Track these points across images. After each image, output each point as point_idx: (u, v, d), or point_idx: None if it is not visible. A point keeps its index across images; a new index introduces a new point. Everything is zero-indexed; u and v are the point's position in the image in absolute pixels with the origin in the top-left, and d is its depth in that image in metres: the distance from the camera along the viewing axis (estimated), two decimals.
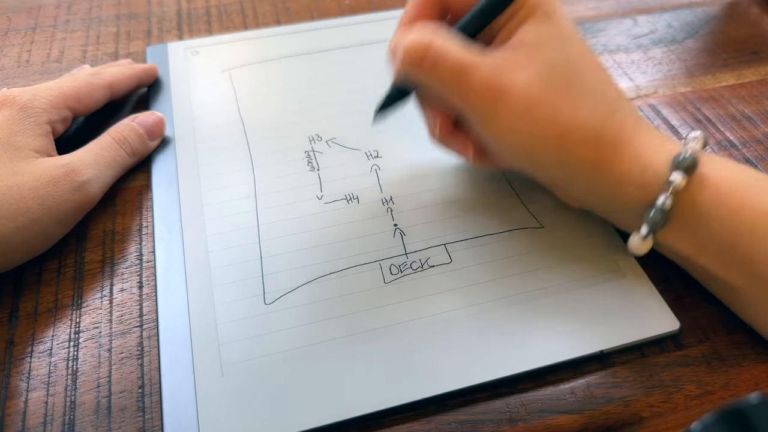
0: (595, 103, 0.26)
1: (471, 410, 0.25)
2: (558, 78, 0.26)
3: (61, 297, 0.28)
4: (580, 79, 0.26)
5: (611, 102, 0.26)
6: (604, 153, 0.26)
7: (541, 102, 0.25)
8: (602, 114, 0.26)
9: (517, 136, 0.26)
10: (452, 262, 0.29)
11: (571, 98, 0.26)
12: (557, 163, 0.27)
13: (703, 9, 0.46)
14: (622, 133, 0.26)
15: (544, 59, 0.26)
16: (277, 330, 0.26)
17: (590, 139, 0.26)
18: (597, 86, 0.26)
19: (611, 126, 0.26)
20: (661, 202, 0.25)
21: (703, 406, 0.25)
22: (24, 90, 0.31)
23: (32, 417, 0.24)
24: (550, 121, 0.25)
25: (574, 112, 0.25)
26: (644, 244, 0.26)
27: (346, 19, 0.44)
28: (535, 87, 0.25)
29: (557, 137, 0.26)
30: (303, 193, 0.32)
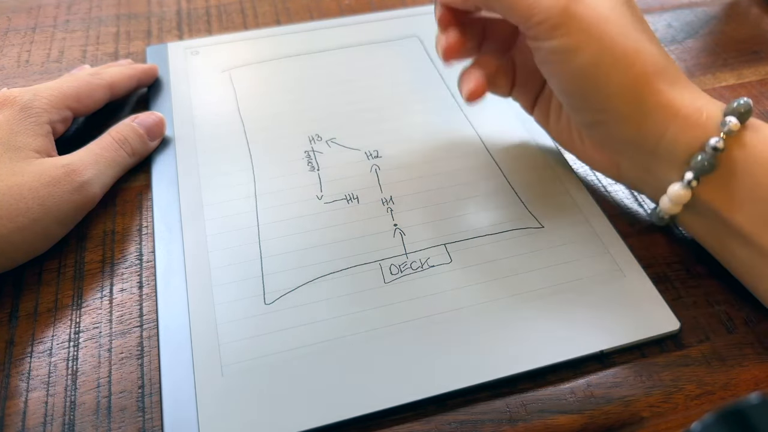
0: (655, 43, 0.27)
1: (471, 410, 0.25)
2: (627, 10, 0.26)
3: (61, 297, 0.28)
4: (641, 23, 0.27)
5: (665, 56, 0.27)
6: (662, 86, 0.26)
7: (614, 19, 0.26)
8: (662, 51, 0.27)
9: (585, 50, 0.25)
10: (452, 262, 0.29)
11: (638, 25, 0.26)
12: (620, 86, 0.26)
13: (703, 9, 0.46)
14: (679, 73, 0.27)
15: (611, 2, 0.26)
16: (277, 330, 0.26)
17: (652, 68, 0.26)
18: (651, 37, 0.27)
19: (670, 63, 0.27)
20: (714, 143, 0.25)
21: (703, 406, 0.25)
22: (24, 90, 0.31)
23: (32, 417, 0.24)
24: (623, 39, 0.25)
25: (640, 38, 0.26)
26: (684, 194, 0.26)
27: (346, 19, 0.44)
28: (606, 7, 0.26)
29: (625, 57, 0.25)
30: (303, 193, 0.32)
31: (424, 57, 0.41)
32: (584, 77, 0.26)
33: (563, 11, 0.25)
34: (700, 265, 0.30)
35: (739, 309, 0.28)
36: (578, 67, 0.26)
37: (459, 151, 0.34)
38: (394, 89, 0.38)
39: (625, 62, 0.25)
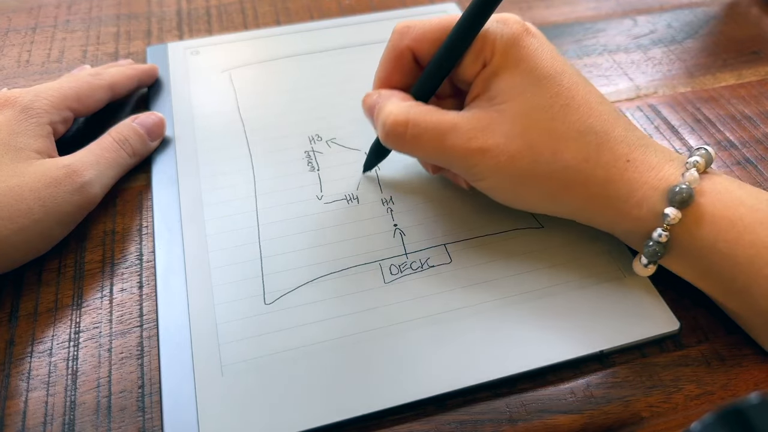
0: (577, 146, 0.25)
1: (471, 410, 0.25)
2: (534, 128, 0.26)
3: (61, 297, 0.28)
4: (559, 122, 0.26)
5: (597, 140, 0.26)
6: (594, 192, 0.26)
7: (522, 154, 0.26)
8: (586, 156, 0.25)
9: (504, 187, 0.27)
10: (452, 262, 0.29)
11: (551, 146, 0.25)
12: (549, 205, 0.27)
13: (703, 9, 0.46)
14: (613, 167, 0.25)
15: (519, 111, 0.26)
16: (277, 330, 0.26)
17: (576, 183, 0.26)
18: (578, 126, 0.26)
19: (597, 165, 0.25)
20: (657, 235, 0.25)
21: (703, 406, 0.25)
22: (25, 91, 0.31)
23: (32, 417, 0.24)
24: (533, 172, 0.26)
25: (555, 159, 0.25)
26: (647, 270, 0.27)
27: (346, 19, 0.44)
28: (514, 140, 0.26)
29: (543, 185, 0.26)
30: (303, 193, 0.32)
31: None
32: (514, 203, 0.28)
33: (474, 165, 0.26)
34: None
35: None
36: (504, 198, 0.28)
37: None
38: None
39: (542, 188, 0.26)
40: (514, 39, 0.26)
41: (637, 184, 0.25)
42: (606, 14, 0.46)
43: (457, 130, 0.26)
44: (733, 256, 0.24)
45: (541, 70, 0.26)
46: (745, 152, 0.36)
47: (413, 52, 0.29)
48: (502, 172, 0.26)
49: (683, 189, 0.24)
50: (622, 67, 0.41)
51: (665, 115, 0.38)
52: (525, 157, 0.26)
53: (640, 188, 0.25)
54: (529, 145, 0.25)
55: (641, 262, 0.27)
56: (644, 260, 0.26)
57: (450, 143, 0.26)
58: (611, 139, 0.26)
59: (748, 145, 0.36)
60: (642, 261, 0.27)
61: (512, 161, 0.26)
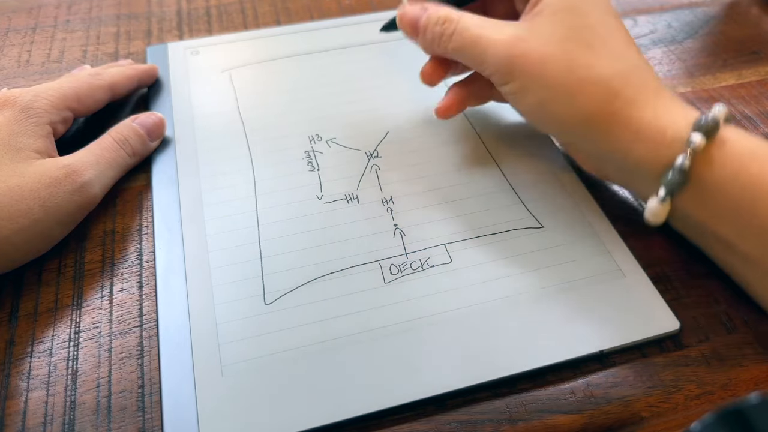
0: (613, 60, 0.26)
1: (471, 410, 0.25)
2: (576, 38, 0.27)
3: (61, 297, 0.28)
4: (599, 40, 0.27)
5: (631, 62, 0.27)
6: (620, 108, 0.26)
7: (556, 57, 0.26)
8: (620, 71, 0.26)
9: (534, 95, 0.27)
10: (452, 262, 0.29)
11: (589, 55, 0.26)
12: (574, 117, 0.27)
13: (703, 9, 0.46)
14: (641, 92, 0.26)
15: (564, 21, 0.27)
16: (277, 330, 0.26)
17: (605, 94, 0.26)
18: (617, 47, 0.27)
19: (629, 83, 0.26)
20: (680, 162, 0.25)
21: (703, 406, 0.25)
22: (25, 91, 0.31)
23: (32, 417, 0.24)
24: (566, 77, 0.26)
25: (591, 66, 0.26)
26: (662, 208, 0.26)
27: (346, 19, 0.44)
28: (552, 45, 0.27)
29: (572, 91, 0.26)
30: (303, 193, 0.32)
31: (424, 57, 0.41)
32: (536, 113, 0.29)
33: (507, 60, 0.27)
34: (700, 265, 0.30)
35: (739, 309, 0.28)
36: (528, 105, 0.29)
37: (459, 151, 0.34)
38: (394, 89, 0.38)
39: (571, 97, 0.27)
40: None
41: (663, 112, 0.26)
42: None
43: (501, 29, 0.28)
44: (755, 189, 0.24)
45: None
46: None
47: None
48: (532, 72, 0.27)
49: (710, 118, 0.25)
50: None
51: None
52: (559, 60, 0.26)
53: (666, 115, 0.26)
54: (564, 51, 0.26)
55: (659, 197, 0.26)
56: (662, 192, 0.26)
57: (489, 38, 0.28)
58: (645, 71, 0.27)
59: None
60: (660, 194, 0.26)
61: (544, 62, 0.27)
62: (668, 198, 0.26)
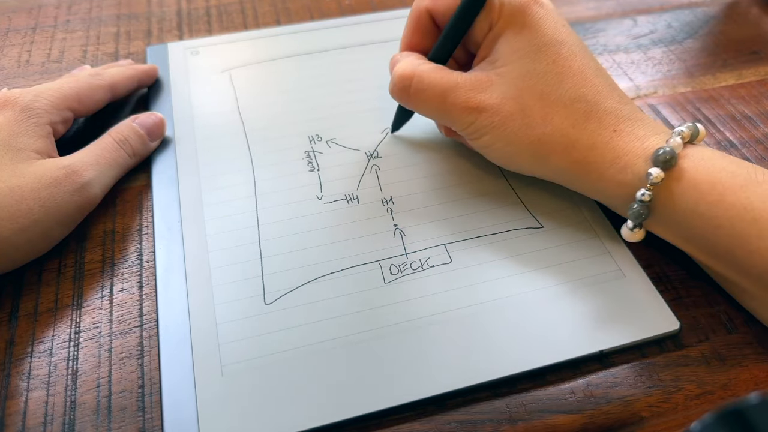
0: (566, 112, 0.27)
1: (471, 410, 0.25)
2: (528, 92, 0.27)
3: (61, 297, 0.28)
4: (551, 89, 0.27)
5: (586, 108, 0.27)
6: (579, 157, 0.27)
7: (514, 116, 0.27)
8: (573, 122, 0.27)
9: (497, 146, 0.29)
10: (452, 262, 0.29)
11: (542, 110, 0.27)
12: (538, 167, 0.29)
13: (703, 9, 0.46)
14: (598, 137, 0.27)
15: (517, 74, 0.28)
16: (277, 330, 0.26)
17: (562, 147, 0.27)
18: (570, 93, 0.27)
19: (584, 132, 0.27)
20: (640, 194, 0.26)
21: (703, 406, 0.25)
22: (25, 91, 0.31)
23: (32, 417, 0.25)
24: (524, 134, 0.28)
25: (545, 123, 0.27)
26: (634, 234, 0.28)
27: (346, 19, 0.44)
28: (509, 102, 0.28)
29: (532, 147, 0.28)
30: (303, 193, 0.32)
31: None
32: (506, 164, 0.30)
33: (472, 123, 0.28)
34: None
35: (739, 309, 0.28)
36: (497, 158, 0.30)
37: (459, 152, 0.34)
38: None
39: (533, 150, 0.28)
40: (521, 5, 0.28)
41: (623, 152, 0.27)
42: (606, 14, 0.46)
43: (458, 88, 0.28)
44: (714, 218, 0.25)
45: (542, 37, 0.28)
46: (745, 152, 0.36)
47: (431, 14, 0.31)
48: (496, 131, 0.28)
49: (666, 151, 0.25)
50: (622, 67, 0.41)
51: (665, 115, 0.38)
52: (517, 119, 0.27)
53: (625, 155, 0.26)
54: (521, 108, 0.27)
55: (627, 227, 0.28)
56: (630, 224, 0.27)
57: (450, 100, 0.28)
58: (600, 110, 0.27)
59: (748, 145, 0.36)
60: (628, 225, 0.28)
61: (505, 122, 0.28)
62: (636, 228, 0.27)
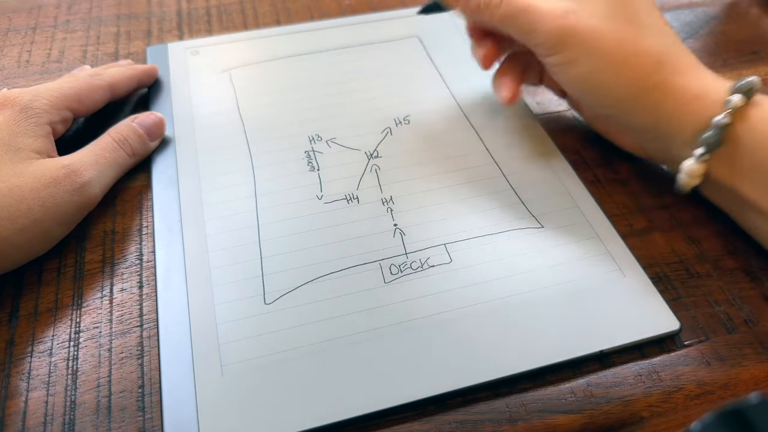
0: (656, 34, 0.29)
1: (471, 410, 0.25)
2: (621, 16, 0.29)
3: (61, 297, 0.28)
4: (642, 15, 0.29)
5: (672, 41, 0.29)
6: (666, 75, 0.28)
7: (606, 32, 0.28)
8: (663, 45, 0.29)
9: (583, 66, 0.29)
10: (452, 262, 0.29)
11: (635, 29, 0.29)
12: (621, 87, 0.29)
13: (703, 9, 0.46)
14: (682, 62, 0.29)
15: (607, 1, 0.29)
16: (277, 330, 0.26)
17: (652, 63, 0.28)
18: (657, 25, 0.29)
19: (672, 54, 0.29)
20: (719, 119, 0.27)
21: (703, 406, 0.25)
22: (24, 91, 0.31)
23: (32, 417, 0.25)
24: (615, 49, 0.28)
25: (637, 40, 0.28)
26: (698, 167, 0.28)
27: (346, 19, 0.44)
28: (601, 19, 0.29)
29: (621, 62, 0.28)
30: (303, 193, 0.32)
31: (424, 57, 0.41)
32: (585, 83, 0.30)
33: (560, 30, 0.29)
34: (700, 265, 0.30)
35: (739, 309, 0.28)
36: (578, 75, 0.30)
37: (459, 151, 0.34)
38: (394, 89, 0.38)
39: (620, 67, 0.29)
40: None
41: (704, 77, 0.28)
42: None
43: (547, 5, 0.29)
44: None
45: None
46: None
47: None
48: (585, 51, 0.29)
49: (749, 81, 0.27)
50: None
51: None
52: (609, 38, 0.28)
53: (706, 79, 0.28)
54: (614, 28, 0.28)
55: (695, 155, 0.28)
56: (699, 150, 0.28)
57: (537, 16, 0.29)
58: (682, 46, 0.29)
59: None
60: (696, 152, 0.28)
61: (596, 41, 0.28)
62: (706, 156, 0.28)
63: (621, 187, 0.33)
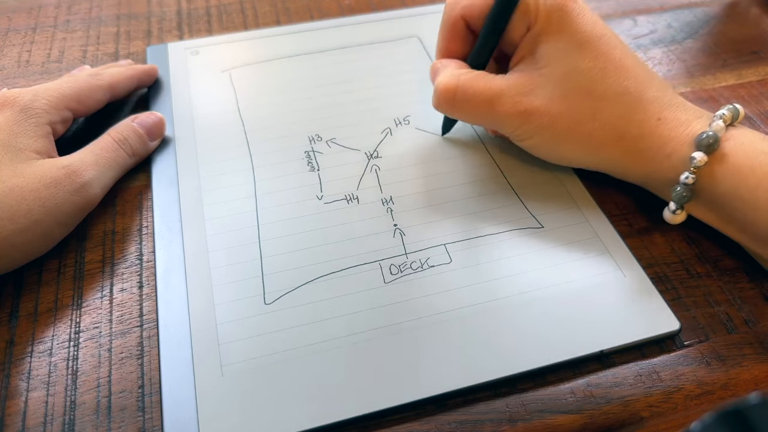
0: (613, 106, 0.28)
1: (471, 410, 0.25)
2: (574, 90, 0.28)
3: (61, 297, 0.28)
4: (596, 85, 0.28)
5: (631, 100, 0.28)
6: (629, 147, 0.28)
7: (562, 115, 0.28)
8: (620, 114, 0.28)
9: (547, 145, 0.30)
10: (452, 262, 0.29)
11: (591, 103, 0.28)
12: (588, 161, 0.30)
13: (703, 9, 0.46)
14: (645, 126, 0.28)
15: (561, 74, 0.28)
16: (277, 330, 0.26)
17: (612, 140, 0.28)
18: (615, 87, 0.28)
19: (631, 124, 0.28)
20: (684, 177, 0.27)
21: (703, 406, 0.25)
22: (24, 91, 0.31)
23: (32, 417, 0.25)
24: (574, 131, 0.29)
25: (594, 119, 0.28)
26: (675, 217, 0.29)
27: (346, 19, 0.44)
28: (556, 102, 0.28)
29: (582, 142, 0.29)
30: (303, 193, 0.32)
31: (424, 57, 0.41)
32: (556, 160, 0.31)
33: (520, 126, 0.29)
34: (700, 265, 0.30)
35: (739, 309, 0.28)
36: (547, 155, 0.31)
37: (459, 151, 0.35)
38: (394, 89, 0.38)
39: (583, 145, 0.29)
40: (557, 4, 0.28)
41: (668, 139, 0.28)
42: (606, 14, 0.46)
43: (504, 95, 0.29)
44: (753, 201, 0.26)
45: (581, 34, 0.28)
46: None
47: (466, 20, 0.31)
48: (545, 132, 0.29)
49: (709, 135, 0.26)
50: None
51: None
52: (566, 118, 0.28)
53: (671, 142, 0.28)
54: (569, 107, 0.28)
55: (670, 209, 0.29)
56: (672, 206, 0.29)
57: (497, 107, 0.29)
58: (644, 100, 0.28)
59: None
60: (671, 207, 0.29)
61: (554, 122, 0.28)
62: (679, 210, 0.29)
63: (621, 187, 0.33)
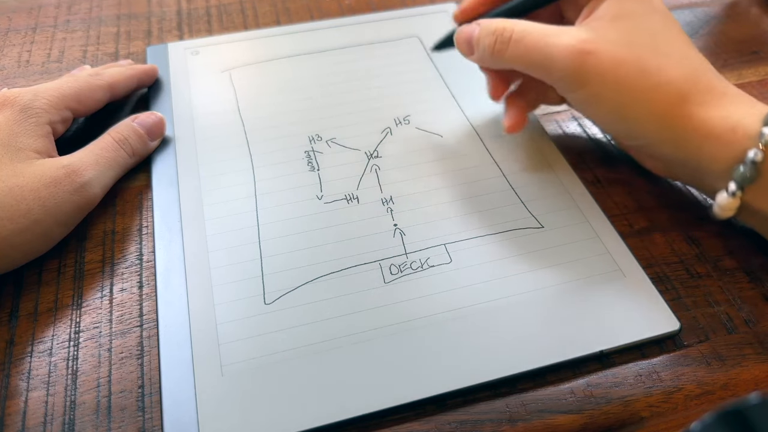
0: (680, 64, 0.27)
1: (471, 410, 0.25)
2: (642, 42, 0.27)
3: (61, 297, 0.28)
4: (664, 44, 0.28)
5: (696, 65, 0.28)
6: (692, 108, 0.27)
7: (628, 61, 0.27)
8: (688, 74, 0.27)
9: (605, 96, 0.28)
10: (452, 262, 0.29)
11: (656, 58, 0.27)
12: (645, 119, 0.28)
13: (703, 9, 0.46)
14: (709, 93, 0.27)
15: (628, 26, 0.27)
16: (277, 330, 0.26)
17: (677, 96, 0.27)
18: (680, 50, 0.28)
19: (697, 85, 0.27)
20: (752, 155, 0.25)
21: (703, 406, 0.25)
22: (24, 90, 0.31)
23: (32, 417, 0.25)
24: (638, 78, 0.27)
25: (660, 70, 0.27)
26: (732, 202, 0.27)
27: (346, 19, 0.44)
28: (622, 48, 0.27)
29: (645, 93, 0.27)
30: (303, 193, 0.32)
31: (424, 57, 0.41)
32: (610, 116, 0.29)
33: (579, 64, 0.27)
34: (700, 265, 0.30)
35: (739, 309, 0.28)
36: (603, 110, 0.29)
37: (459, 151, 0.35)
38: (394, 89, 0.38)
39: (644, 100, 0.27)
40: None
41: (733, 111, 0.27)
42: None
43: (563, 33, 0.28)
44: None
45: (651, 3, 0.28)
46: None
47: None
48: (606, 77, 0.27)
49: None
50: None
51: None
52: (630, 65, 0.27)
53: (736, 113, 0.26)
54: (636, 57, 0.27)
55: (729, 191, 0.27)
56: (733, 186, 0.26)
57: (554, 41, 0.28)
58: (709, 72, 0.28)
59: None
60: (730, 188, 0.27)
61: (617, 67, 0.27)
62: (738, 192, 0.26)
63: (621, 187, 0.33)
